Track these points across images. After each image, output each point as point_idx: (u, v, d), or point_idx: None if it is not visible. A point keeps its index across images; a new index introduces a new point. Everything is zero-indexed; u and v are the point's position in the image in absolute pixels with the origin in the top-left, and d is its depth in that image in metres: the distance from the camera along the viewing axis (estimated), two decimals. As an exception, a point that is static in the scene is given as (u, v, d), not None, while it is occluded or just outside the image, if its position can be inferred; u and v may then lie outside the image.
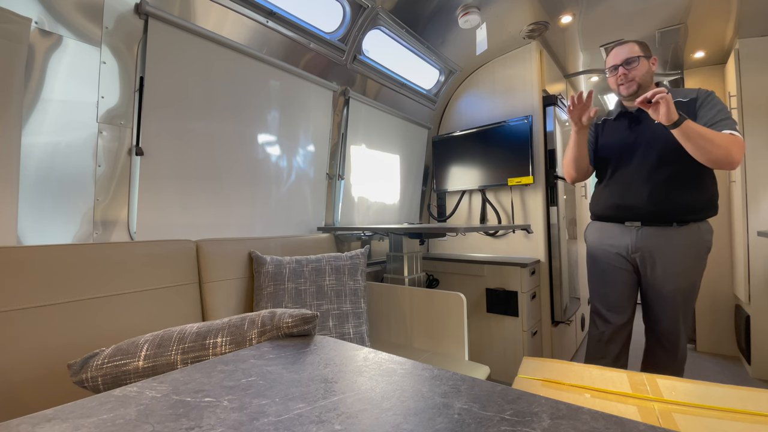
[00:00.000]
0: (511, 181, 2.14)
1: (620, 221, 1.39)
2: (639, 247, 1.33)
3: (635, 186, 1.33)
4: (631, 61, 1.31)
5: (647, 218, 1.32)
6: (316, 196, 1.82)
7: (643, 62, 1.31)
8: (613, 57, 1.36)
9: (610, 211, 1.41)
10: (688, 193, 1.27)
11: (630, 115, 1.39)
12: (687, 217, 1.27)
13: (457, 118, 2.53)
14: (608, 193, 1.43)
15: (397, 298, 1.54)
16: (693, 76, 2.49)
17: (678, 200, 1.27)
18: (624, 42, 1.36)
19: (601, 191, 1.47)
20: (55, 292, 0.87)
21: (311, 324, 0.70)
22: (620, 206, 1.37)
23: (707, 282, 2.40)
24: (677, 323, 1.31)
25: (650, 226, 1.32)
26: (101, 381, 0.66)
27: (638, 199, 1.32)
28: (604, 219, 1.46)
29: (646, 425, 0.35)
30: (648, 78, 1.33)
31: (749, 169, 2.02)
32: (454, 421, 0.37)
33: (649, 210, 1.30)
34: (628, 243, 1.36)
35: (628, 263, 1.38)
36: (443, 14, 1.87)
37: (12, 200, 0.89)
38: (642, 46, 1.33)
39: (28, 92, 0.94)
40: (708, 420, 0.72)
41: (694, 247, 1.28)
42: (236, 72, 1.39)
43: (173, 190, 1.25)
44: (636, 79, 1.31)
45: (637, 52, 1.32)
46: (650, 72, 1.33)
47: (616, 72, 1.34)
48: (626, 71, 1.31)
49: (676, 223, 1.28)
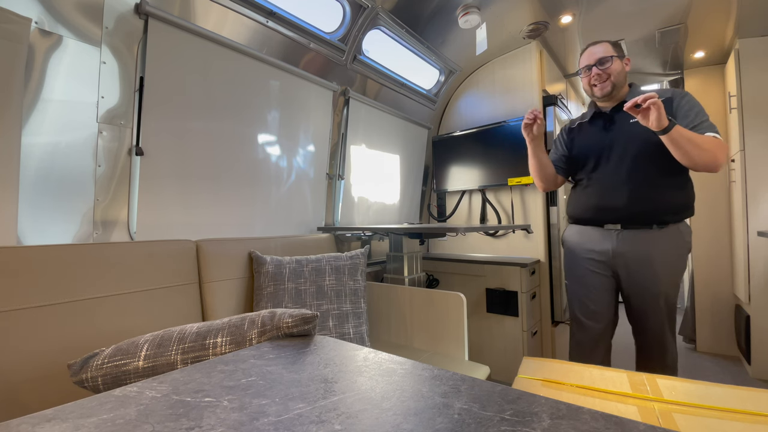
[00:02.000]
0: (511, 181, 2.14)
1: (599, 224, 1.37)
2: (620, 252, 1.31)
3: (614, 188, 1.31)
4: (604, 61, 1.30)
5: (627, 220, 1.30)
6: (316, 196, 1.82)
7: (616, 62, 1.30)
8: (587, 57, 1.35)
9: (589, 213, 1.39)
10: (668, 194, 1.26)
11: (604, 116, 1.38)
12: (667, 218, 1.26)
13: (457, 118, 2.53)
14: (586, 195, 1.41)
15: (397, 298, 1.54)
16: (693, 76, 2.49)
17: (658, 201, 1.26)
18: (597, 42, 1.35)
19: (578, 194, 1.45)
20: (55, 292, 0.87)
21: (311, 324, 0.70)
22: (599, 208, 1.35)
23: (707, 282, 2.40)
24: (663, 326, 1.30)
25: (630, 229, 1.30)
26: (101, 381, 0.66)
27: (618, 200, 1.30)
28: (583, 222, 1.43)
29: (646, 425, 0.35)
30: (622, 78, 1.32)
31: (749, 169, 2.02)
32: (454, 421, 0.37)
33: (630, 212, 1.29)
34: (609, 248, 1.34)
35: (608, 268, 1.36)
36: (443, 14, 1.87)
37: (12, 200, 0.89)
38: (615, 46, 1.33)
39: (28, 92, 0.94)
40: (708, 420, 0.72)
41: (676, 249, 1.27)
42: (236, 72, 1.39)
43: (173, 190, 1.25)
44: (610, 79, 1.30)
45: (610, 52, 1.31)
46: (624, 72, 1.32)
47: (590, 72, 1.33)
48: (600, 71, 1.30)
49: (656, 225, 1.27)
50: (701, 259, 2.42)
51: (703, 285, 2.42)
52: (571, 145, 1.49)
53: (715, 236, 2.38)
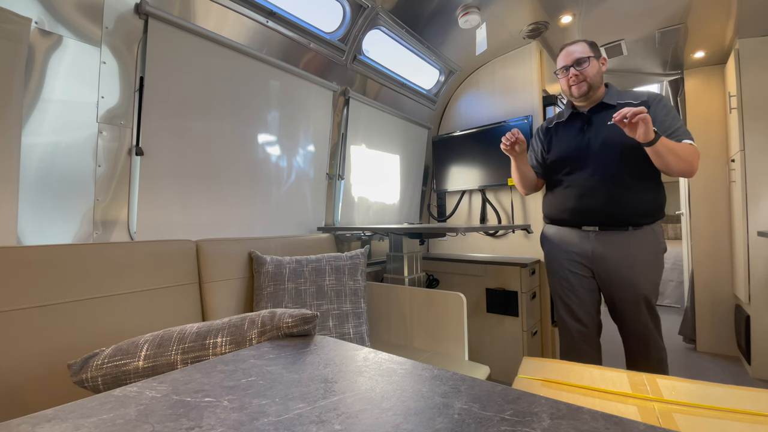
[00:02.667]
0: (511, 181, 2.14)
1: (577, 226, 1.38)
2: (598, 254, 1.33)
3: (591, 190, 1.32)
4: (581, 61, 1.31)
5: (604, 222, 1.32)
6: (316, 196, 1.82)
7: (593, 62, 1.32)
8: (564, 58, 1.36)
9: (566, 215, 1.40)
10: (643, 197, 1.28)
11: (581, 116, 1.39)
12: (642, 221, 1.28)
13: (457, 118, 2.53)
14: (564, 197, 1.41)
15: (397, 298, 1.54)
16: (693, 76, 2.49)
17: (634, 204, 1.27)
18: (574, 42, 1.36)
19: (555, 195, 1.45)
20: (55, 292, 0.87)
21: (311, 324, 0.70)
22: (577, 210, 1.36)
23: (707, 282, 2.40)
24: (646, 325, 1.30)
25: (607, 230, 1.32)
26: (101, 381, 0.66)
27: (595, 203, 1.31)
28: (560, 223, 1.44)
29: (646, 425, 0.35)
30: (598, 78, 1.33)
31: (749, 169, 2.02)
32: (454, 421, 0.37)
33: (607, 213, 1.30)
34: (588, 249, 1.35)
35: (588, 269, 1.37)
36: (443, 14, 1.87)
37: (12, 200, 0.89)
38: (592, 46, 1.34)
39: (28, 92, 0.94)
40: (708, 420, 0.72)
41: (652, 249, 1.29)
42: (236, 72, 1.39)
43: (173, 189, 1.25)
44: (587, 79, 1.31)
45: (587, 52, 1.32)
46: (600, 72, 1.34)
47: (568, 73, 1.34)
48: (577, 72, 1.32)
49: (632, 227, 1.28)
50: (701, 259, 2.42)
51: (703, 285, 2.42)
52: (548, 147, 1.50)
53: (715, 236, 2.38)
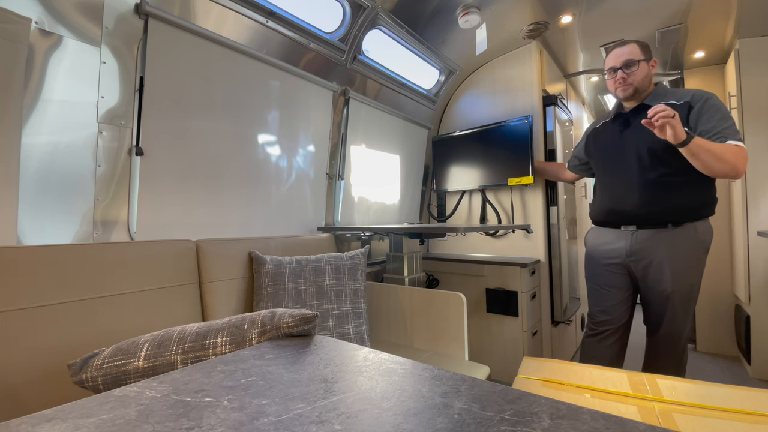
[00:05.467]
0: (511, 181, 2.14)
1: (616, 226, 1.38)
2: (635, 250, 1.32)
3: (626, 190, 1.32)
4: (631, 64, 1.29)
5: (641, 221, 1.31)
6: (316, 196, 1.82)
7: (642, 66, 1.29)
8: (613, 59, 1.34)
9: (604, 216, 1.41)
10: (679, 194, 1.25)
11: (623, 117, 1.39)
12: (681, 218, 1.26)
13: (457, 118, 2.53)
14: (601, 198, 1.43)
15: (397, 298, 1.54)
16: (693, 76, 2.49)
17: (669, 201, 1.25)
18: (625, 43, 1.33)
19: (597, 197, 1.48)
20: (55, 292, 0.87)
21: (311, 324, 0.70)
22: (613, 211, 1.37)
23: (707, 282, 2.40)
24: (677, 326, 1.29)
25: (645, 228, 1.31)
26: (101, 381, 0.66)
27: (630, 203, 1.31)
28: (601, 224, 1.45)
29: (646, 425, 0.35)
30: (646, 82, 1.31)
31: (749, 169, 2.02)
32: (454, 421, 0.37)
33: (642, 213, 1.29)
34: (624, 247, 1.34)
35: (623, 267, 1.37)
36: (443, 14, 1.87)
37: (12, 200, 0.89)
38: (643, 48, 1.31)
39: (28, 92, 0.94)
40: (708, 420, 0.72)
41: (691, 247, 1.26)
42: (236, 72, 1.39)
43: (173, 189, 1.25)
44: (634, 83, 1.30)
45: (638, 55, 1.30)
46: (649, 75, 1.32)
47: (615, 75, 1.33)
48: (625, 75, 1.30)
49: (671, 224, 1.26)
50: (701, 259, 2.42)
51: (703, 285, 2.41)
52: (592, 149, 1.51)
53: (715, 236, 2.38)
